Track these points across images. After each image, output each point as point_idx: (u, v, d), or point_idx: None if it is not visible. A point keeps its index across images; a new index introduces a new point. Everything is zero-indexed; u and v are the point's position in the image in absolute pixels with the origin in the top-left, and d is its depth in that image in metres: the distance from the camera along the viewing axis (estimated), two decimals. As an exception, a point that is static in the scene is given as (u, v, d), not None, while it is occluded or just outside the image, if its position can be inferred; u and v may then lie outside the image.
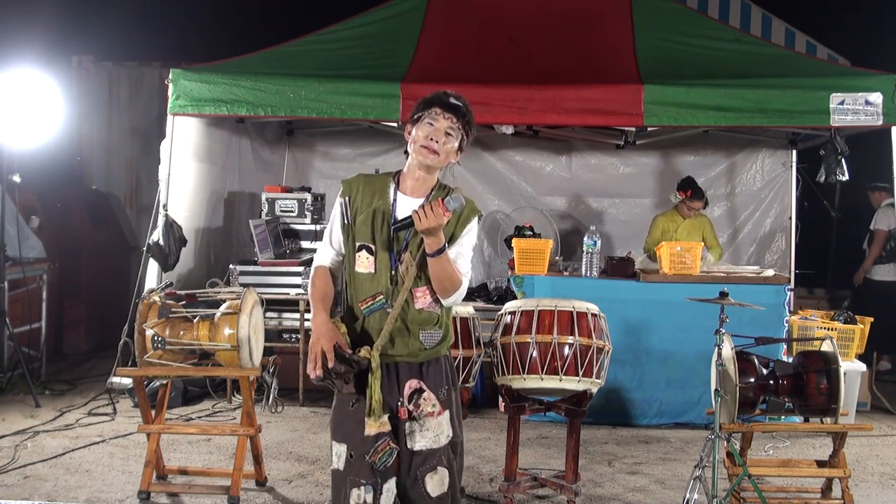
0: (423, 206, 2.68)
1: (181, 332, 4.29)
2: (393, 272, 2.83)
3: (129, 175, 9.21)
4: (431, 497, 2.84)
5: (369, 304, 2.84)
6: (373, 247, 2.85)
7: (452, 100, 2.82)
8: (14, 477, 4.61)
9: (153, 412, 4.44)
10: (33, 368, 6.51)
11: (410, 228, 2.75)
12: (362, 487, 2.80)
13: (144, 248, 6.09)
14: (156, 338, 4.25)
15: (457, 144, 2.83)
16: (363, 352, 2.79)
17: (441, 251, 2.73)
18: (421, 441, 2.85)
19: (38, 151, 6.70)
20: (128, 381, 5.88)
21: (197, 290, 4.66)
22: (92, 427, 5.56)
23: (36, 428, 5.49)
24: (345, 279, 2.95)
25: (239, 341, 4.19)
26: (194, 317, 4.34)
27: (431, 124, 2.79)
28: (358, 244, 2.87)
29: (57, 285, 7.34)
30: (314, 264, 3.01)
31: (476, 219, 2.91)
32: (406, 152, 2.94)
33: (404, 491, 2.87)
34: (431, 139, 2.78)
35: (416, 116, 2.84)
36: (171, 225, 6.07)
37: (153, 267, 6.08)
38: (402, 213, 2.83)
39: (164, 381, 4.49)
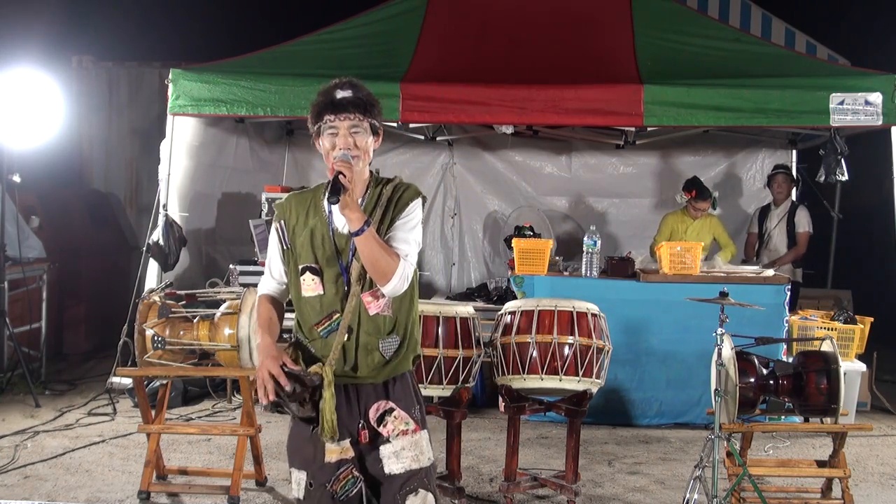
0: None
1: (181, 332, 4.30)
2: (345, 283, 2.62)
3: (129, 175, 9.21)
4: None
5: (326, 325, 2.64)
6: (317, 266, 2.65)
7: (339, 94, 2.58)
8: (14, 477, 4.61)
9: (153, 412, 4.44)
10: (33, 368, 6.51)
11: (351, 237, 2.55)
12: None
13: (144, 248, 6.10)
14: (156, 338, 4.25)
15: (369, 136, 2.61)
16: (314, 368, 2.57)
17: (363, 229, 2.49)
18: (399, 463, 2.62)
19: (38, 151, 6.70)
20: (128, 381, 5.87)
21: (197, 290, 4.66)
22: (92, 427, 5.56)
23: (36, 428, 5.49)
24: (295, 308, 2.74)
25: (239, 341, 4.20)
26: (194, 317, 4.35)
27: (333, 133, 2.58)
28: (301, 267, 2.67)
29: (57, 285, 7.34)
30: (257, 294, 2.84)
31: (418, 201, 2.69)
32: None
33: None
34: (341, 148, 2.57)
35: (315, 129, 2.62)
36: (171, 225, 6.08)
37: (153, 267, 6.09)
38: (339, 222, 2.63)
39: (164, 381, 4.50)
